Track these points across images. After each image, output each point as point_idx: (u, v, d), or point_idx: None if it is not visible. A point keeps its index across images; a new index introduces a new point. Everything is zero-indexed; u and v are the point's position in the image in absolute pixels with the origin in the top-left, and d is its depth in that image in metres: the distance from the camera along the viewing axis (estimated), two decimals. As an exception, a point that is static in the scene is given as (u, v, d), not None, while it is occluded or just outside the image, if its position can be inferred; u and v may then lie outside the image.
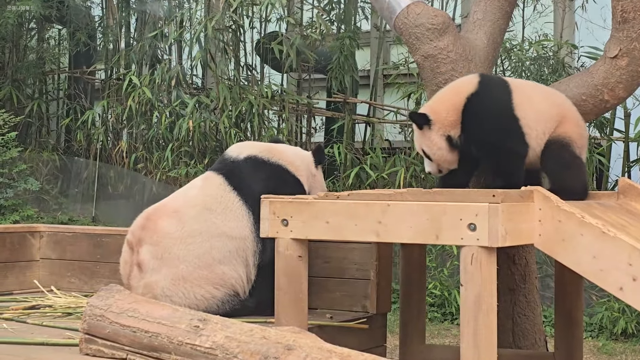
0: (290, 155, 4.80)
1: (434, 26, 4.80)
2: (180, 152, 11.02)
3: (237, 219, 4.54)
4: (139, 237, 4.54)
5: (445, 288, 9.05)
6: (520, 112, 4.15)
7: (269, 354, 3.10)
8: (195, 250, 4.46)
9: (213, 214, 4.53)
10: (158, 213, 4.59)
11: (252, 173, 4.64)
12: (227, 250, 4.49)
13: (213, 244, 4.48)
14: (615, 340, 8.04)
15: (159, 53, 12.34)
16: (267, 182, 4.58)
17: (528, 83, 4.61)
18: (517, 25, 10.47)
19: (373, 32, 12.10)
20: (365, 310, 4.72)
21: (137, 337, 3.39)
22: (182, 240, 4.47)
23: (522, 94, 4.21)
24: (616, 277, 3.52)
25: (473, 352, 3.55)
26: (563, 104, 4.30)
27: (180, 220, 4.50)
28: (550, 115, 4.19)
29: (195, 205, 4.55)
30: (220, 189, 4.60)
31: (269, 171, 4.67)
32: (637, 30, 4.46)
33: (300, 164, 4.79)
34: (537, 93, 4.30)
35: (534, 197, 3.75)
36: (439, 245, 8.96)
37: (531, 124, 4.15)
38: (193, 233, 4.48)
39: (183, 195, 4.70)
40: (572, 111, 4.30)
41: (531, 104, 4.18)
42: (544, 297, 8.23)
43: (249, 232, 4.54)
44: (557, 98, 4.33)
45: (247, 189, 4.58)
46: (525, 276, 4.93)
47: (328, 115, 11.70)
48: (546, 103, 4.22)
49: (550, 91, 4.43)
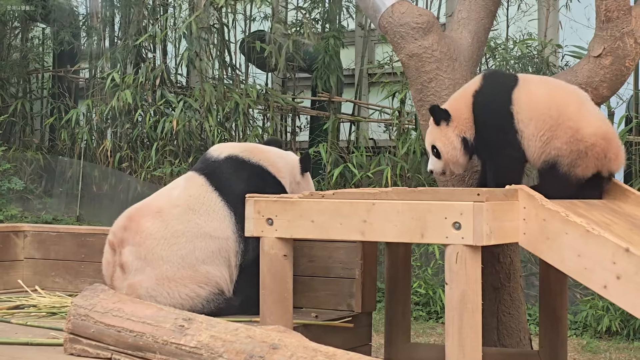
0: (272, 157, 4.77)
1: (419, 25, 4.80)
2: (165, 151, 11.01)
3: (220, 220, 4.53)
4: (121, 238, 4.52)
5: (430, 287, 9.06)
6: (516, 108, 4.16)
7: (254, 353, 3.09)
8: (179, 251, 4.45)
9: (196, 215, 4.52)
10: (140, 213, 4.56)
11: (232, 173, 4.63)
12: (210, 250, 4.48)
13: (196, 244, 4.47)
14: (600, 338, 8.07)
15: (144, 52, 12.31)
16: (248, 182, 4.56)
17: (539, 79, 4.47)
18: (501, 24, 10.50)
19: (358, 31, 12.11)
20: (350, 309, 4.72)
21: (122, 336, 3.38)
22: (166, 240, 4.46)
23: (525, 90, 4.21)
24: (600, 275, 3.53)
25: (458, 351, 3.56)
26: (567, 103, 4.16)
27: (163, 221, 4.49)
28: (548, 115, 4.13)
29: (178, 206, 4.54)
30: (203, 189, 4.59)
31: (250, 171, 4.65)
32: (621, 30, 4.48)
33: (282, 166, 4.77)
34: (543, 89, 4.22)
35: (518, 195, 3.76)
36: (423, 244, 8.97)
37: (526, 121, 4.15)
38: (176, 233, 4.47)
39: (166, 195, 4.69)
40: (577, 112, 4.15)
41: (530, 101, 4.16)
42: (528, 295, 8.26)
43: (231, 232, 4.53)
44: (561, 96, 4.20)
45: (228, 189, 4.57)
46: (510, 275, 4.94)
47: (313, 114, 11.71)
48: (545, 100, 4.17)
49: (557, 88, 4.28)
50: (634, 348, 7.64)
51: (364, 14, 8.87)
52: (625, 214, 4.22)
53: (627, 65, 4.56)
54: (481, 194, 3.56)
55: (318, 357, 3.00)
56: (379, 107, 11.12)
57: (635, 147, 9.17)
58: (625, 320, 8.04)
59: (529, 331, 5.11)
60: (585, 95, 4.28)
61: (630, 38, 4.50)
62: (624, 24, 4.48)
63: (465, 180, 4.77)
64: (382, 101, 10.78)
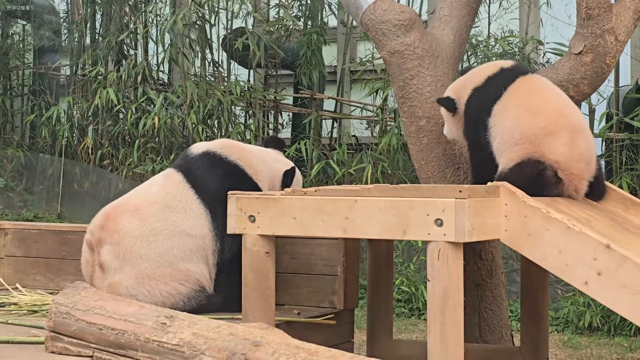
0: (251, 157, 4.73)
1: (401, 22, 4.81)
2: (147, 148, 10.98)
3: (196, 218, 4.51)
4: (98, 237, 4.49)
5: (412, 283, 9.08)
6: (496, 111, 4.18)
7: (237, 350, 3.09)
8: (157, 249, 4.43)
9: (173, 212, 4.50)
10: (117, 211, 4.53)
11: (207, 170, 4.60)
12: (188, 248, 4.47)
13: (174, 242, 4.45)
14: (581, 334, 8.10)
15: (125, 49, 12.27)
16: (222, 180, 4.54)
17: (541, 87, 4.28)
18: (482, 21, 10.52)
19: (340, 28, 12.11)
20: (332, 306, 4.72)
21: (104, 334, 3.37)
22: (144, 238, 4.43)
23: (516, 96, 4.18)
24: (581, 271, 3.55)
25: (440, 347, 3.56)
26: (555, 121, 4.07)
27: (141, 219, 4.47)
28: (528, 130, 4.06)
29: (155, 203, 4.51)
30: (179, 187, 4.57)
31: (225, 169, 4.62)
32: (602, 27, 4.50)
33: (262, 169, 4.73)
34: (533, 101, 4.15)
35: (500, 192, 3.77)
36: (405, 240, 8.99)
37: (499, 130, 4.15)
38: (154, 231, 4.44)
39: (144, 192, 4.66)
40: (566, 129, 4.07)
41: (515, 110, 4.14)
42: (510, 291, 8.29)
43: (208, 230, 4.51)
44: (550, 113, 4.10)
45: (203, 187, 4.55)
46: (492, 271, 4.96)
47: (295, 111, 11.70)
48: (532, 115, 4.09)
49: (548, 103, 4.18)
50: (615, 344, 7.68)
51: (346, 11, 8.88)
52: (606, 210, 4.24)
53: (607, 62, 4.58)
54: (463, 191, 3.57)
55: (300, 354, 3.00)
56: (361, 104, 11.13)
57: (615, 144, 9.21)
58: (606, 316, 8.08)
59: (510, 327, 5.13)
60: (572, 122, 4.12)
61: (610, 35, 4.52)
62: (604, 21, 4.50)
63: (447, 177, 4.79)
64: (364, 98, 10.78)
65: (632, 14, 4.55)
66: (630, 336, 7.87)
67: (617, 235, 3.83)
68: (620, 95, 9.70)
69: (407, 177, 9.56)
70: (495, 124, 4.17)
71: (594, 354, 7.34)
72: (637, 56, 10.40)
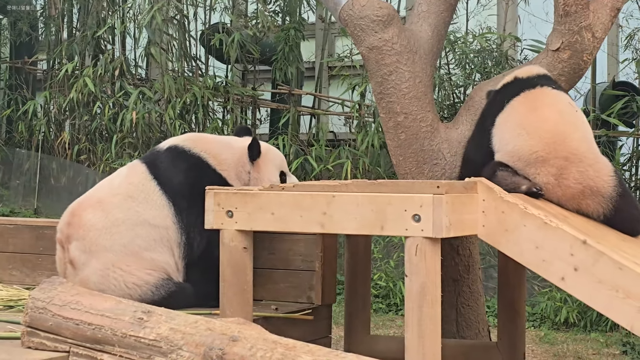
0: (216, 147, 4.71)
1: (379, 18, 4.81)
2: (124, 143, 10.93)
3: (158, 208, 4.50)
4: (67, 234, 4.51)
5: (390, 279, 9.09)
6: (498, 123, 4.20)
7: (214, 345, 3.09)
8: (121, 239, 4.43)
9: (135, 202, 4.50)
10: (81, 206, 4.55)
11: (171, 163, 4.60)
12: (151, 238, 4.46)
13: (137, 232, 4.45)
14: (557, 329, 8.14)
15: (103, 44, 12.20)
16: (185, 174, 4.54)
17: (544, 104, 4.18)
18: (461, 18, 10.53)
19: (318, 24, 12.10)
20: (310, 302, 4.72)
21: (80, 329, 3.36)
22: (107, 229, 4.44)
23: (518, 111, 4.17)
24: (558, 267, 3.57)
25: (417, 342, 3.57)
26: (549, 147, 4.00)
27: (103, 210, 4.48)
28: (520, 148, 4.05)
29: (118, 194, 4.52)
30: (142, 177, 4.57)
31: (188, 163, 4.61)
32: (579, 24, 4.52)
33: (227, 157, 4.70)
34: (532, 119, 4.09)
35: (477, 188, 3.78)
36: (384, 236, 9.00)
37: (498, 139, 4.18)
38: (117, 222, 4.45)
39: (107, 184, 4.68)
40: (560, 157, 4.00)
41: (513, 125, 4.13)
42: (487, 287, 8.31)
43: (171, 222, 4.50)
44: (546, 136, 4.02)
45: (166, 180, 4.55)
46: (469, 267, 4.98)
47: (273, 106, 11.68)
48: (527, 135, 4.06)
49: (547, 123, 4.08)
50: (591, 339, 7.72)
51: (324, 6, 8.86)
52: (583, 206, 4.25)
53: (584, 59, 4.60)
54: (441, 187, 3.58)
55: (278, 349, 3.00)
56: (339, 100, 11.12)
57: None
58: (583, 311, 8.12)
59: (487, 323, 5.14)
60: (569, 149, 4.04)
61: (588, 32, 4.54)
62: (581, 18, 4.52)
63: (425, 173, 4.79)
64: (342, 94, 10.78)
65: (608, 11, 4.57)
66: (607, 332, 7.91)
67: (594, 231, 3.85)
68: (597, 92, 9.75)
69: (385, 173, 9.57)
70: (495, 133, 4.20)
71: (570, 349, 7.38)
72: (614, 53, 10.46)
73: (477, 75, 9.51)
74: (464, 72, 9.63)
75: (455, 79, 9.78)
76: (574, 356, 7.16)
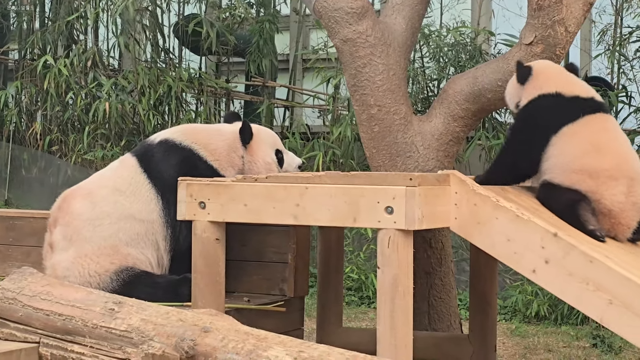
0: (207, 137, 4.70)
1: (353, 10, 4.81)
2: (97, 134, 10.87)
3: (145, 202, 4.50)
4: (55, 217, 4.53)
5: (362, 272, 9.11)
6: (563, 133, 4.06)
7: (186, 336, 3.08)
8: (103, 233, 4.42)
9: (122, 196, 4.49)
10: (73, 194, 4.57)
11: (162, 157, 4.58)
12: (134, 232, 4.45)
13: (121, 226, 4.44)
14: (528, 322, 8.19)
15: (75, 34, 12.12)
16: (177, 167, 4.52)
17: (612, 127, 4.16)
18: (435, 11, 10.56)
19: (292, 16, 12.09)
20: (282, 294, 4.72)
21: (51, 320, 3.34)
22: (91, 222, 4.44)
23: (588, 127, 4.06)
24: (529, 259, 3.58)
25: (389, 334, 3.58)
26: (619, 166, 3.98)
27: (91, 202, 4.48)
28: (590, 165, 3.97)
29: (106, 187, 4.52)
30: (132, 171, 4.56)
31: (180, 156, 4.59)
32: (552, 18, 4.54)
33: (218, 146, 4.68)
34: (602, 138, 4.04)
35: (450, 180, 3.79)
36: (355, 229, 9.01)
37: (558, 151, 4.05)
38: (102, 215, 4.44)
39: (99, 176, 4.70)
40: (626, 176, 3.98)
41: (581, 140, 4.03)
42: (459, 280, 8.34)
43: (157, 216, 4.50)
44: (616, 155, 4.01)
45: (157, 173, 4.54)
46: (442, 260, 4.99)
47: (247, 99, 11.66)
48: (597, 152, 3.99)
49: (615, 143, 4.07)
50: (562, 332, 7.78)
51: (298, -1, 8.88)
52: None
53: (557, 53, 4.62)
54: (414, 179, 3.58)
55: (250, 340, 3.00)
56: (314, 92, 11.12)
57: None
58: (554, 305, 8.17)
59: (459, 315, 5.17)
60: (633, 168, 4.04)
61: (561, 26, 4.55)
62: (555, 12, 4.53)
63: (398, 166, 4.80)
64: (316, 87, 10.78)
65: (581, 6, 4.59)
66: (577, 325, 7.97)
67: (565, 225, 3.87)
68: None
69: (359, 165, 9.57)
70: (556, 143, 4.04)
71: (541, 342, 7.43)
72: (587, 49, 10.52)
73: (451, 68, 9.54)
74: (438, 65, 9.65)
75: (429, 73, 9.80)
76: (545, 349, 7.21)
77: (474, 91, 4.77)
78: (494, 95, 4.72)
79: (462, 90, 4.81)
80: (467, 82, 4.81)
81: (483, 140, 9.03)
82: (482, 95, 4.76)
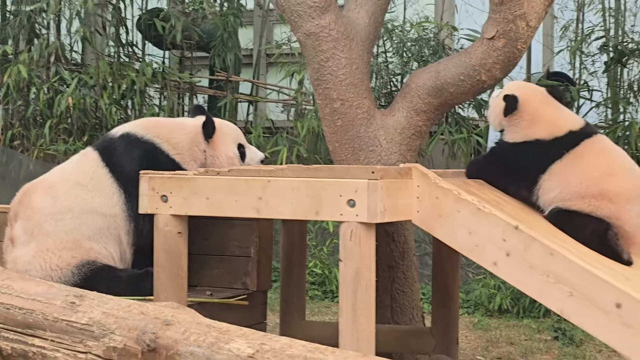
0: (169, 131, 4.68)
1: (316, 4, 4.81)
2: (59, 129, 10.79)
3: (107, 196, 4.48)
4: (15, 211, 4.51)
5: (325, 266, 9.12)
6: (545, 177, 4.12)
7: (147, 329, 3.07)
8: (65, 227, 4.40)
9: (84, 190, 4.47)
10: (34, 188, 4.54)
11: (124, 151, 4.56)
12: (97, 227, 4.43)
13: (83, 220, 4.42)
14: (491, 316, 8.24)
15: (37, 28, 12.01)
16: (139, 160, 4.50)
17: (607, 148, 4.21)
18: (398, 6, 10.57)
19: (256, 11, 12.06)
20: (245, 288, 4.71)
21: (11, 314, 3.32)
22: (53, 216, 4.41)
23: (583, 158, 4.08)
24: (491, 252, 3.61)
25: (352, 327, 3.59)
26: (631, 187, 4.04)
27: (52, 196, 4.45)
28: (606, 190, 4.00)
29: (67, 181, 4.49)
30: (94, 165, 4.54)
31: (141, 149, 4.57)
32: (514, 12, 4.56)
33: (181, 140, 4.67)
34: (602, 163, 4.07)
35: (412, 174, 3.80)
36: (318, 223, 9.02)
37: (561, 183, 4.08)
38: (63, 209, 4.42)
39: (60, 170, 4.66)
40: (637, 197, 4.03)
41: (583, 170, 4.05)
42: (422, 274, 8.38)
43: (120, 210, 4.48)
44: (626, 177, 4.06)
45: (118, 167, 4.52)
46: (404, 253, 5.01)
47: (210, 93, 11.62)
48: (608, 176, 4.03)
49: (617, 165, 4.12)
50: (524, 325, 7.83)
51: (262, -7, 8.87)
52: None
53: (519, 47, 4.64)
54: (375, 172, 3.59)
55: (211, 333, 3.00)
56: (277, 87, 11.11)
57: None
58: (516, 298, 8.23)
59: (422, 309, 5.19)
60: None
61: (522, 21, 4.58)
62: (516, 7, 4.56)
63: (361, 160, 4.81)
64: (280, 82, 10.77)
65: (543, 0, 4.62)
66: (539, 318, 8.03)
67: (527, 218, 3.90)
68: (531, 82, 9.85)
69: (323, 160, 9.58)
70: (551, 179, 4.08)
71: (503, 335, 7.48)
72: (549, 44, 10.59)
73: (415, 63, 9.56)
74: (401, 60, 9.67)
75: (392, 67, 9.82)
76: (507, 342, 7.26)
77: (436, 85, 4.79)
78: (456, 89, 4.74)
79: (424, 84, 4.83)
80: (429, 77, 4.83)
81: (446, 135, 9.07)
82: (445, 89, 4.78)
